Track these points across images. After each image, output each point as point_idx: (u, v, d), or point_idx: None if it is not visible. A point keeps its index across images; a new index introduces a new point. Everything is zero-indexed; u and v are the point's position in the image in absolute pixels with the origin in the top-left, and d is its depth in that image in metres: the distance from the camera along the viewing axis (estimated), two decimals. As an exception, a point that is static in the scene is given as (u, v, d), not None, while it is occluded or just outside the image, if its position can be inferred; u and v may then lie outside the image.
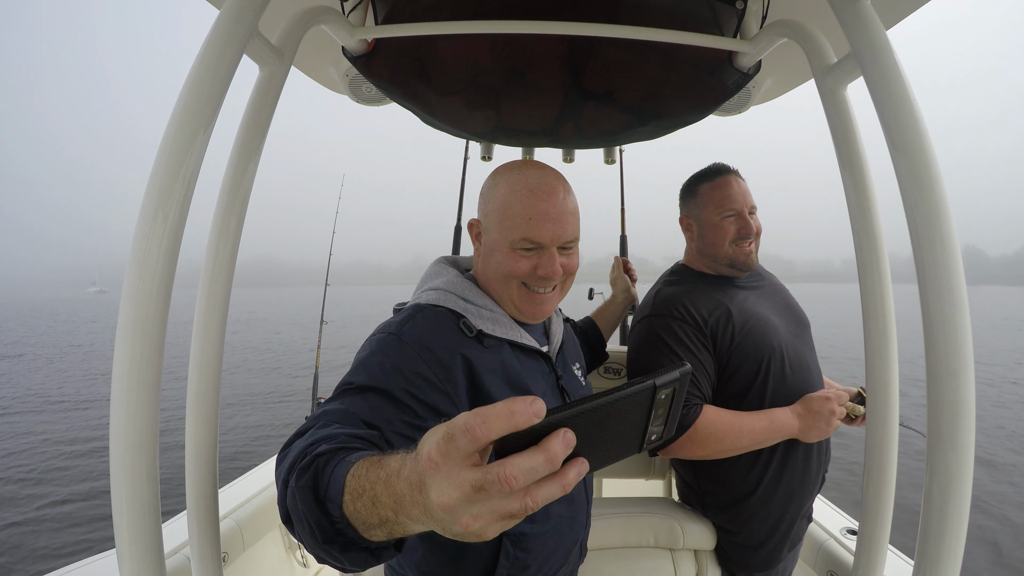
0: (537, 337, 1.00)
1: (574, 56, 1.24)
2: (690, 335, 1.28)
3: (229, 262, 0.87)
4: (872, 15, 0.77)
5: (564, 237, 0.88)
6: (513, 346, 0.91)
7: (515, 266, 0.88)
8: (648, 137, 1.48)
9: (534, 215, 0.86)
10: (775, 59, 1.24)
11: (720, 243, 1.35)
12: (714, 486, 1.36)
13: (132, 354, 0.67)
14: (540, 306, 0.92)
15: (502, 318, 0.91)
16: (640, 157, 11.05)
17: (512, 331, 0.92)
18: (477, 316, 0.89)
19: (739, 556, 1.36)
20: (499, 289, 0.92)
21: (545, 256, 0.88)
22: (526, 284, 0.90)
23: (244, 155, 0.86)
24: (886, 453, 0.88)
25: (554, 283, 0.91)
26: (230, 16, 0.75)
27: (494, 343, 0.88)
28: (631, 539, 1.46)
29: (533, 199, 0.87)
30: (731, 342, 1.28)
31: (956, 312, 0.68)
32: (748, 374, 1.28)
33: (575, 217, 0.91)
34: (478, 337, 0.86)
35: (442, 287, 0.92)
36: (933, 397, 0.69)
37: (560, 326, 1.08)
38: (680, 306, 1.31)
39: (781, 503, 1.30)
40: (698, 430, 1.21)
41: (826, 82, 0.89)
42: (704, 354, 1.28)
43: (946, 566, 0.69)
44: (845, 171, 0.89)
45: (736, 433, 1.23)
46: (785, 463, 1.29)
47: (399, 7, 1.14)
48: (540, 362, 0.96)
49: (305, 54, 1.29)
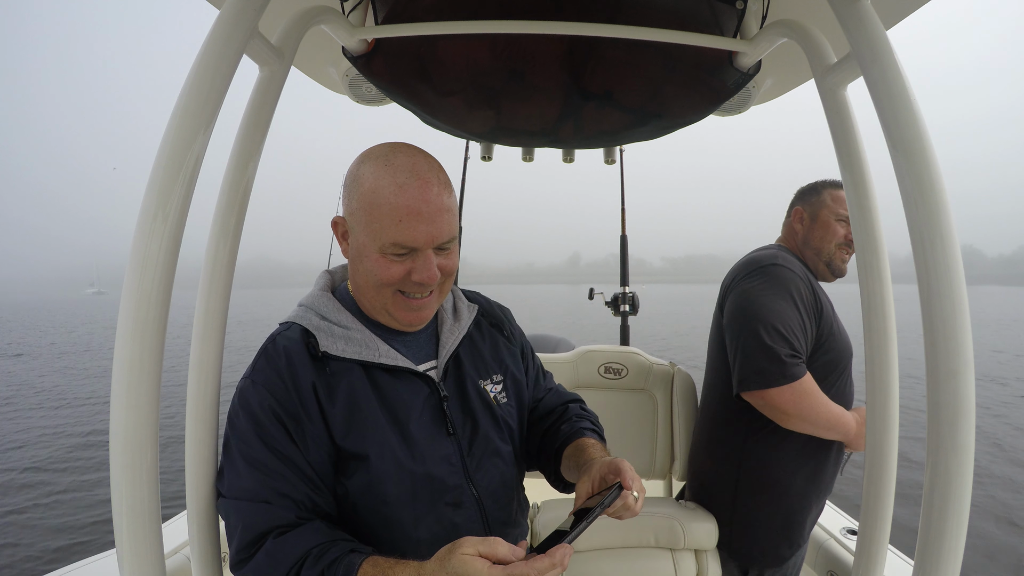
0: (420, 350, 0.89)
1: (574, 56, 1.24)
2: (807, 300, 1.35)
3: (229, 262, 0.87)
4: (872, 15, 0.77)
5: (440, 238, 0.78)
6: (369, 367, 0.82)
7: (387, 273, 0.79)
8: (648, 137, 1.48)
9: (404, 216, 0.76)
10: (775, 59, 1.24)
11: (828, 240, 1.45)
12: (756, 474, 1.40)
13: (132, 354, 0.67)
14: (418, 312, 0.83)
15: (357, 335, 0.83)
16: (638, 158, 11.02)
17: (367, 350, 0.82)
18: (328, 334, 0.82)
19: (756, 550, 1.39)
20: (371, 298, 0.84)
21: (420, 259, 0.78)
22: (402, 291, 0.81)
23: (244, 155, 0.86)
24: (886, 453, 0.88)
25: (432, 287, 0.82)
26: (230, 16, 0.74)
27: (340, 366, 0.80)
28: (631, 539, 1.46)
29: (402, 196, 0.76)
30: (829, 331, 1.36)
31: (956, 312, 0.68)
32: (828, 367, 1.36)
33: (451, 214, 0.81)
34: (323, 360, 0.80)
35: (304, 303, 0.87)
36: (933, 397, 0.69)
37: (458, 333, 0.93)
38: (800, 270, 1.39)
39: (811, 500, 1.38)
40: (803, 384, 1.27)
41: (826, 82, 0.89)
42: (813, 323, 1.35)
43: (946, 566, 0.69)
44: (845, 171, 0.89)
45: (820, 407, 1.29)
46: (824, 464, 1.38)
47: (399, 7, 1.14)
48: (414, 382, 0.84)
49: (305, 54, 1.29)
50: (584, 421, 1.01)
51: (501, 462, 0.91)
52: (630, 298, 3.08)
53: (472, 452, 0.87)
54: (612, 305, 3.13)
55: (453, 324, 0.93)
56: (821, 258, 1.45)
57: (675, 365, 1.90)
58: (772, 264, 1.38)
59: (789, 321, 1.29)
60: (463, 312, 0.97)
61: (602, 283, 4.35)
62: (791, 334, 1.28)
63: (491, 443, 0.90)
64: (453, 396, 0.88)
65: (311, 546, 0.72)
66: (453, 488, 0.84)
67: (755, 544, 1.39)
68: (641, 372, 1.88)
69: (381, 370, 0.83)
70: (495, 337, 1.00)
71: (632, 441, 1.85)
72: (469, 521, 0.85)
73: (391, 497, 0.80)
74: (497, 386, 0.95)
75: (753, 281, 1.38)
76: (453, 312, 0.96)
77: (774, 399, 1.28)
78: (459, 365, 0.91)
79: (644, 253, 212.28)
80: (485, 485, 0.88)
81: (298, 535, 0.73)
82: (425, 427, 0.83)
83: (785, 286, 1.33)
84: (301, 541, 0.73)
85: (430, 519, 0.82)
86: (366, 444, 0.79)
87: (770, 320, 1.29)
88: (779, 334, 1.28)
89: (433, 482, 0.82)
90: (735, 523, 1.41)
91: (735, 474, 1.42)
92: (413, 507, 0.81)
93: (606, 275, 20.14)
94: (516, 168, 54.26)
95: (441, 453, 0.84)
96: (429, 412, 0.84)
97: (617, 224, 3.16)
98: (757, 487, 1.39)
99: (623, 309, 3.09)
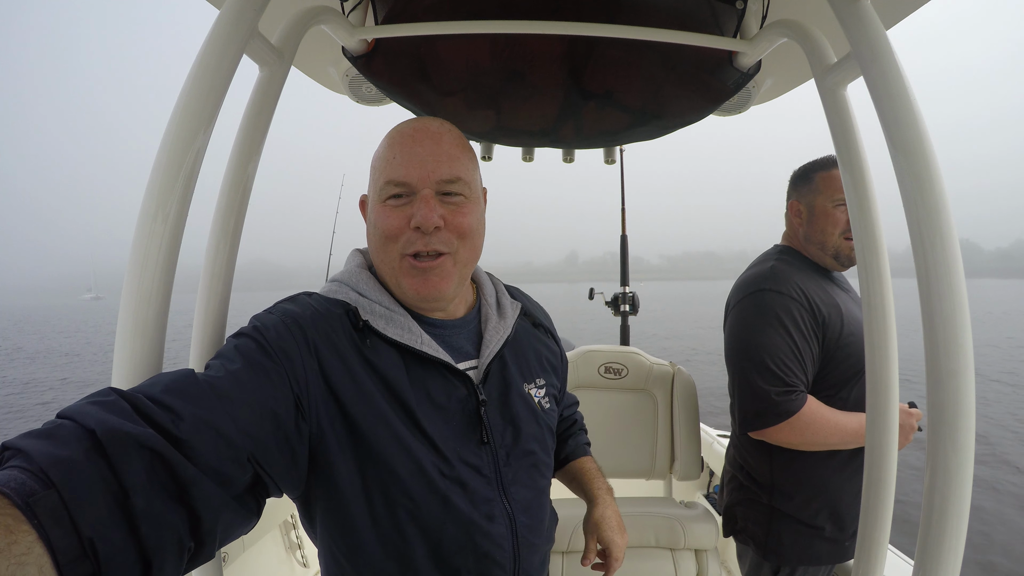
0: (460, 348, 0.80)
1: (574, 56, 1.24)
2: (805, 319, 1.28)
3: (229, 263, 0.87)
4: (872, 15, 0.77)
5: (438, 174, 0.72)
6: (408, 353, 0.73)
7: (386, 222, 0.72)
8: (648, 137, 1.48)
9: (399, 152, 0.73)
10: (775, 59, 1.24)
11: (831, 231, 1.35)
12: (790, 477, 1.36)
13: (132, 355, 0.67)
14: (425, 276, 0.73)
15: (399, 317, 0.75)
16: (635, 155, 10.94)
17: (409, 334, 0.73)
18: (369, 311, 0.74)
19: (794, 547, 1.35)
20: (384, 266, 0.76)
21: (418, 201, 0.72)
22: (411, 256, 0.73)
23: (244, 155, 0.86)
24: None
25: (438, 245, 0.73)
26: (230, 16, 0.74)
27: (380, 344, 0.72)
28: (632, 539, 1.46)
29: (402, 140, 0.74)
30: (838, 338, 1.30)
31: (956, 312, 0.68)
32: (848, 372, 1.30)
33: (459, 161, 0.75)
34: (363, 332, 0.71)
35: (339, 278, 0.79)
36: (933, 397, 0.69)
37: (503, 331, 0.83)
38: (796, 287, 1.31)
39: (847, 496, 1.32)
40: (800, 418, 1.23)
41: (826, 82, 0.89)
42: (813, 342, 1.29)
43: (946, 566, 0.69)
44: (845, 171, 0.89)
45: (831, 428, 1.25)
46: (852, 466, 1.32)
47: (399, 7, 1.14)
48: (451, 381, 0.75)
49: (305, 54, 1.29)
50: (584, 435, 1.10)
51: (539, 475, 0.84)
52: (630, 298, 3.08)
53: (510, 463, 0.79)
54: (612, 305, 3.14)
55: (498, 322, 0.84)
56: (827, 252, 1.37)
57: (675, 365, 1.90)
58: (758, 291, 1.32)
59: (779, 353, 1.25)
60: (507, 309, 0.88)
61: (600, 281, 4.36)
62: (782, 367, 1.25)
63: (532, 454, 0.82)
64: (494, 400, 0.79)
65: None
66: (486, 501, 0.75)
67: (794, 546, 1.35)
68: (641, 372, 1.88)
69: (417, 361, 0.73)
70: (539, 338, 0.93)
71: (632, 441, 1.85)
72: (498, 537, 0.75)
73: (413, 506, 0.70)
74: (540, 391, 0.87)
75: (741, 313, 1.35)
76: (497, 308, 0.87)
77: (775, 436, 1.28)
78: (503, 367, 0.82)
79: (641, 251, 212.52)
80: (520, 499, 0.79)
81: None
82: (457, 432, 0.74)
83: (775, 314, 1.27)
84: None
85: (458, 533, 0.72)
86: (386, 439, 0.68)
87: (758, 358, 1.26)
88: (768, 371, 1.25)
89: (465, 492, 0.73)
90: (772, 530, 1.37)
91: (769, 481, 1.39)
92: (443, 518, 0.71)
93: (604, 273, 20.31)
94: (513, 168, 52.63)
95: (472, 463, 0.74)
96: (463, 416, 0.75)
97: (615, 222, 3.16)
98: (793, 492, 1.35)
99: (623, 309, 3.09)
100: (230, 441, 0.53)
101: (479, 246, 0.79)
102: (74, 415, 0.46)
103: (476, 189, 0.79)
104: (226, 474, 0.53)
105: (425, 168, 0.72)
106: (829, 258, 1.39)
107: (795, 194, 1.46)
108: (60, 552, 0.38)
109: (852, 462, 1.32)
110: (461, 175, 0.75)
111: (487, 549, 0.74)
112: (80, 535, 0.39)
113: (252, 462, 0.56)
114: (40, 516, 0.37)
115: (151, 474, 0.46)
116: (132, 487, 0.44)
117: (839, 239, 1.35)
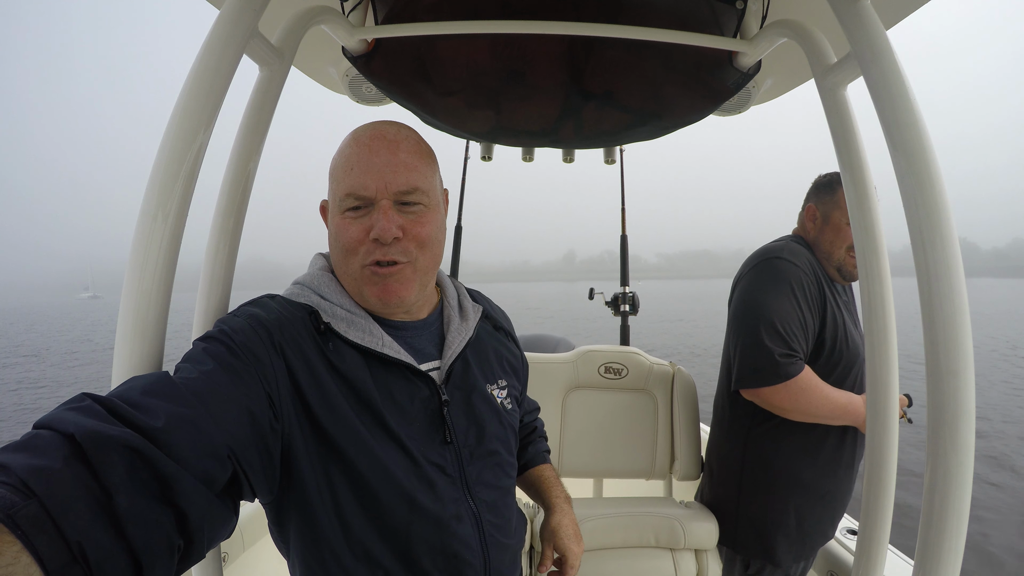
0: (422, 349, 0.81)
1: (574, 56, 1.24)
2: (812, 294, 1.33)
3: (229, 262, 0.87)
4: (872, 15, 0.77)
5: (396, 185, 0.72)
6: (369, 356, 0.74)
7: (346, 234, 0.73)
8: (648, 137, 1.48)
9: (355, 163, 0.72)
10: (775, 59, 1.24)
11: (838, 245, 1.41)
12: (759, 469, 1.40)
13: (132, 355, 0.67)
14: (385, 282, 0.74)
15: (360, 320, 0.75)
16: (634, 154, 10.72)
17: (370, 337, 0.74)
18: (330, 315, 0.74)
19: (758, 545, 1.38)
20: (345, 275, 0.77)
21: (376, 212, 0.72)
22: (371, 265, 0.74)
23: (244, 155, 0.86)
24: (886, 453, 0.88)
25: (397, 255, 0.73)
26: (230, 16, 0.74)
27: (342, 348, 0.72)
28: (632, 539, 1.47)
29: (357, 148, 0.73)
30: (832, 335, 1.35)
31: (956, 312, 0.68)
32: (831, 369, 1.35)
33: (417, 171, 0.74)
34: (325, 335, 0.72)
35: (301, 280, 0.79)
36: (933, 397, 0.69)
37: (465, 333, 0.85)
38: (807, 262, 1.37)
39: (817, 499, 1.36)
40: (797, 382, 1.27)
41: (826, 82, 0.89)
42: (815, 314, 1.34)
43: (946, 566, 0.69)
44: (845, 171, 0.89)
45: (820, 399, 1.29)
46: (833, 462, 1.36)
47: (399, 7, 1.14)
48: (413, 382, 0.75)
49: (305, 54, 1.29)
50: (544, 442, 1.10)
51: (503, 474, 0.84)
52: (630, 298, 3.08)
53: (474, 462, 0.79)
54: (612, 305, 3.13)
55: (460, 324, 0.86)
56: (831, 263, 1.42)
57: (675, 365, 1.90)
58: (776, 257, 1.38)
59: (788, 318, 1.29)
60: (469, 312, 0.89)
61: (598, 280, 4.35)
62: (789, 332, 1.28)
63: (495, 454, 0.83)
64: (457, 401, 0.80)
65: None
66: (452, 501, 0.75)
67: (757, 540, 1.38)
68: (641, 372, 1.88)
69: (380, 363, 0.74)
70: (500, 340, 0.95)
71: (632, 441, 1.85)
72: (466, 536, 0.75)
73: (378, 507, 0.70)
74: (503, 391, 0.88)
75: (756, 276, 1.39)
76: (459, 311, 0.88)
77: (769, 397, 1.30)
78: (466, 367, 0.83)
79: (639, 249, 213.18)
80: (485, 498, 0.79)
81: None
82: (421, 431, 0.75)
83: (787, 279, 1.32)
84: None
85: (424, 532, 0.72)
86: (351, 440, 0.69)
87: (769, 317, 1.29)
88: (776, 333, 1.28)
89: (431, 491, 0.73)
90: (740, 517, 1.41)
91: (739, 469, 1.42)
92: (409, 517, 0.72)
93: (602, 272, 20.25)
94: (511, 167, 52.17)
95: (436, 462, 0.75)
96: (426, 416, 0.76)
97: (612, 222, 3.15)
98: (761, 482, 1.39)
99: (623, 309, 3.08)
100: (210, 437, 0.53)
101: (439, 253, 0.80)
102: (51, 423, 0.46)
103: (435, 196, 0.79)
104: (207, 471, 0.52)
105: (383, 179, 0.72)
106: (832, 269, 1.43)
107: (815, 199, 1.49)
108: (48, 559, 0.38)
109: (826, 475, 1.36)
110: (419, 184, 0.75)
111: (456, 549, 0.74)
112: (67, 541, 0.39)
113: (232, 459, 0.56)
114: (23, 526, 0.37)
115: (132, 473, 0.45)
116: (115, 488, 0.44)
117: (844, 253, 1.40)
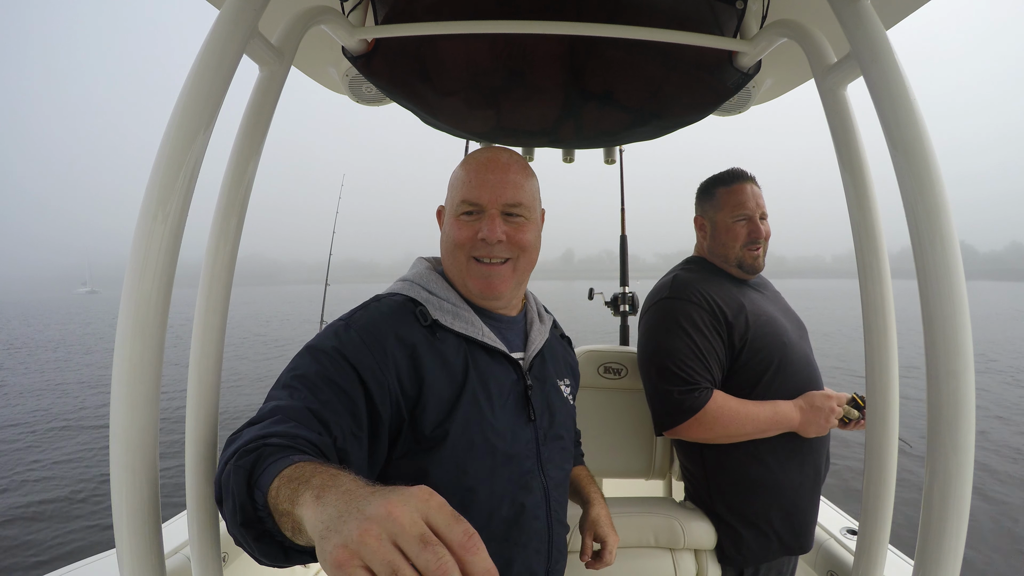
0: (512, 341, 0.95)
1: (574, 56, 1.24)
2: (706, 321, 1.33)
3: (229, 262, 0.87)
4: (872, 15, 0.77)
5: (504, 198, 0.88)
6: (472, 343, 0.88)
7: (458, 233, 0.88)
8: (648, 137, 1.48)
9: (474, 179, 0.89)
10: (775, 59, 1.24)
11: (731, 245, 1.42)
12: (723, 478, 1.38)
13: (132, 354, 0.67)
14: (488, 279, 0.89)
15: (465, 313, 0.90)
16: (630, 159, 10.66)
17: (472, 328, 0.88)
18: (437, 308, 0.88)
19: (746, 550, 1.37)
20: (452, 268, 0.92)
21: (485, 219, 0.88)
22: (475, 259, 0.89)
23: (244, 155, 0.86)
24: (886, 453, 0.88)
25: (501, 253, 0.88)
26: (230, 16, 0.74)
27: (448, 336, 0.86)
28: (631, 539, 1.46)
29: (476, 166, 0.90)
30: (745, 334, 1.33)
31: (956, 312, 0.68)
32: (759, 367, 1.33)
33: (523, 189, 0.90)
34: (432, 327, 0.85)
35: (409, 278, 0.94)
36: (933, 397, 0.69)
37: (543, 335, 1.02)
38: (697, 292, 1.37)
39: (776, 495, 1.33)
40: (706, 413, 1.26)
41: (826, 82, 0.89)
42: (716, 341, 1.33)
43: (946, 566, 0.69)
44: (845, 171, 0.89)
45: (741, 419, 1.27)
46: (787, 460, 1.33)
47: (399, 7, 1.14)
48: (506, 366, 0.90)
49: (305, 54, 1.29)
50: (580, 447, 1.24)
51: (565, 459, 0.98)
52: (630, 298, 3.08)
53: (547, 443, 0.92)
54: (612, 305, 3.13)
55: (540, 326, 1.02)
56: (731, 263, 1.44)
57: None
58: (660, 299, 1.40)
59: (678, 355, 1.29)
60: (545, 318, 1.06)
61: (597, 280, 4.34)
62: (682, 368, 1.29)
63: (561, 439, 0.96)
64: (536, 388, 0.94)
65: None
66: (527, 472, 0.87)
67: (743, 549, 1.36)
68: (641, 372, 1.88)
69: (481, 349, 0.88)
70: (565, 347, 1.12)
71: (632, 441, 1.85)
72: (535, 507, 0.88)
73: (471, 470, 0.81)
74: (567, 388, 1.04)
75: (646, 323, 1.43)
76: (538, 316, 1.04)
77: (686, 433, 1.31)
78: (543, 362, 0.98)
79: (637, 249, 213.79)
80: (552, 475, 0.92)
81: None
82: (510, 410, 0.88)
83: (675, 319, 1.33)
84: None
85: (505, 498, 0.84)
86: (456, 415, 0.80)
87: (660, 361, 1.32)
88: (669, 372, 1.29)
89: (512, 462, 0.85)
90: (720, 525, 1.39)
91: (704, 475, 1.41)
92: (491, 483, 0.83)
93: (600, 272, 20.22)
94: None
95: (523, 437, 0.88)
96: (514, 397, 0.89)
97: (611, 221, 3.14)
98: (725, 487, 1.37)
99: (623, 309, 3.08)
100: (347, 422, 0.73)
101: (534, 259, 0.95)
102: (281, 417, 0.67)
103: (535, 212, 0.94)
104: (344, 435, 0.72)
105: (494, 192, 0.88)
106: (734, 268, 1.45)
107: (699, 209, 1.51)
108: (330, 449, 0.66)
109: (788, 459, 1.32)
110: (523, 200, 0.90)
111: (527, 521, 0.86)
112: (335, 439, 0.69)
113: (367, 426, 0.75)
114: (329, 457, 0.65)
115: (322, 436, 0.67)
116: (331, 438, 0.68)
117: (741, 250, 1.42)
